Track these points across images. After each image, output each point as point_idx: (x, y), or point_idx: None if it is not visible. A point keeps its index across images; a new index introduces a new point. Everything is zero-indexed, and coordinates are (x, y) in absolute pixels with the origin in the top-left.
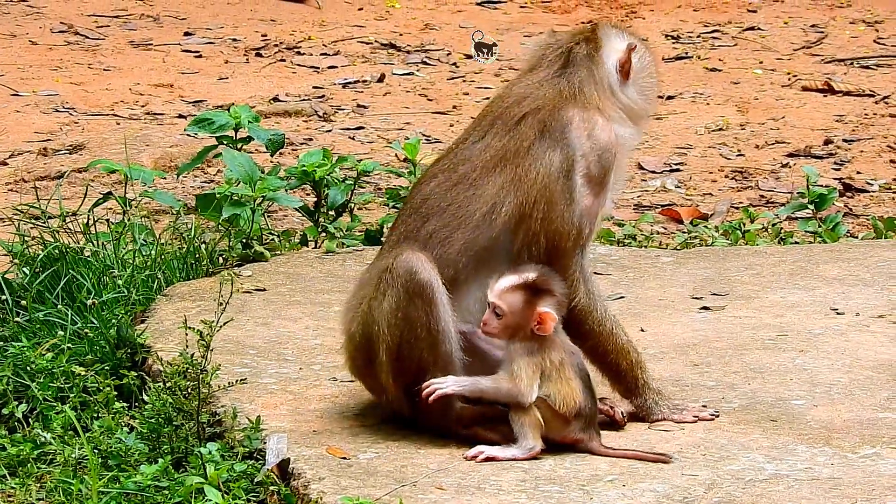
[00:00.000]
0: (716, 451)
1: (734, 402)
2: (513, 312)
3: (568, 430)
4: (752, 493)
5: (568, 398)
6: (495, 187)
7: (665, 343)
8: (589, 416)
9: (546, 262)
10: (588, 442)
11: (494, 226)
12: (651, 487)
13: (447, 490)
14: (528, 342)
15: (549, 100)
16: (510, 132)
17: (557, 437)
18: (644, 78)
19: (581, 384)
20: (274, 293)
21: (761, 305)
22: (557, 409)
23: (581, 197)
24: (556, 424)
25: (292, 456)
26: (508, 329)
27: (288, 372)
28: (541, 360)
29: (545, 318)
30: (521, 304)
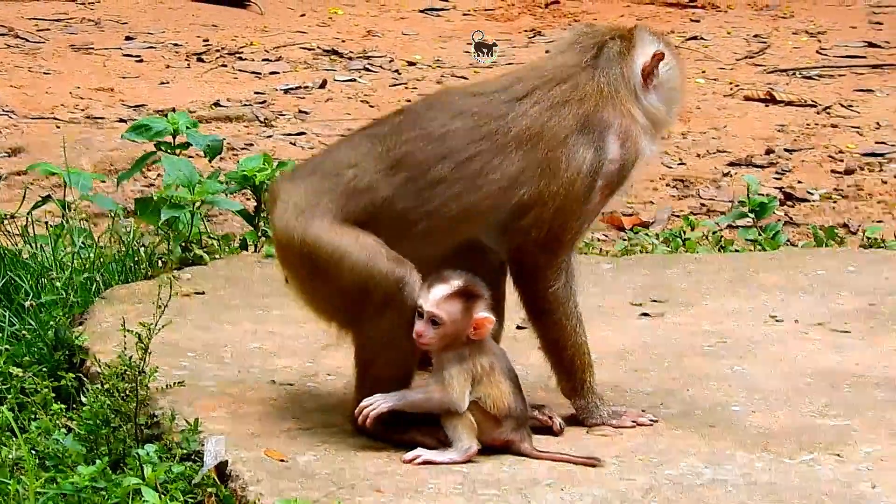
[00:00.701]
0: (654, 455)
1: (673, 407)
2: (453, 321)
3: (499, 431)
4: (691, 498)
5: (498, 400)
6: (521, 166)
7: (604, 349)
8: (520, 417)
9: (539, 246)
10: (520, 443)
11: (506, 202)
12: (589, 492)
13: (385, 493)
14: (459, 349)
15: (591, 94)
16: (551, 112)
17: (489, 440)
18: (669, 88)
19: (510, 386)
20: (213, 296)
21: (701, 312)
22: (488, 411)
23: (594, 197)
24: (487, 426)
25: (230, 458)
26: (446, 338)
27: (227, 375)
28: (471, 366)
29: (483, 323)
30: (460, 312)
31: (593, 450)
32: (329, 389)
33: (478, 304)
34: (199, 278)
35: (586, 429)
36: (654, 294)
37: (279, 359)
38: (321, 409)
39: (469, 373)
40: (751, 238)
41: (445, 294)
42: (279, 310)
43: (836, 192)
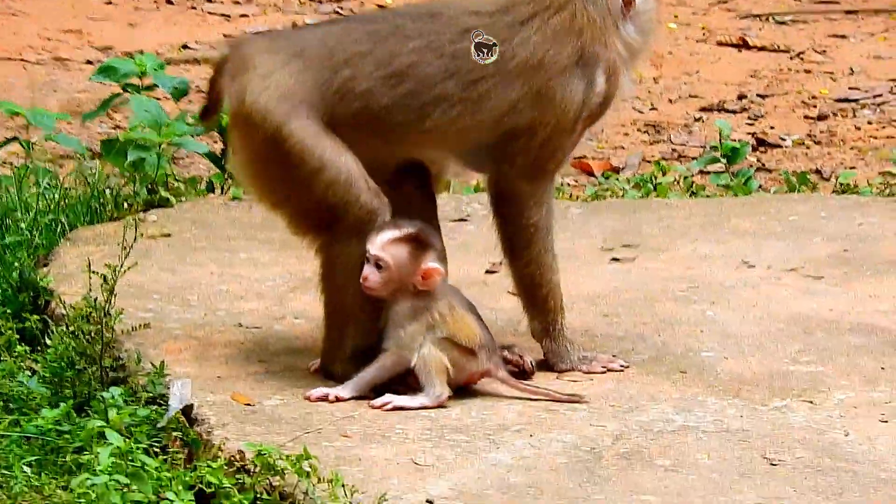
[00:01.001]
0: (624, 402)
1: (644, 353)
2: (397, 266)
3: (476, 363)
4: (661, 444)
5: (469, 333)
6: (520, 93)
7: (575, 294)
8: (489, 346)
9: (523, 174)
10: (496, 372)
11: (499, 127)
12: (559, 438)
13: (352, 437)
14: (411, 301)
15: (587, 25)
16: (552, 41)
17: (465, 377)
18: (646, 18)
19: (473, 318)
20: (179, 239)
21: (672, 258)
22: (464, 345)
23: (578, 128)
24: (464, 361)
25: (196, 401)
26: (391, 284)
27: (193, 318)
28: (428, 318)
29: (431, 273)
30: (406, 258)
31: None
32: (296, 332)
33: (427, 253)
34: (165, 220)
35: (556, 374)
36: (624, 239)
37: (246, 301)
38: (288, 353)
39: (423, 326)
40: (723, 184)
41: (392, 238)
42: (246, 252)
43: (808, 137)
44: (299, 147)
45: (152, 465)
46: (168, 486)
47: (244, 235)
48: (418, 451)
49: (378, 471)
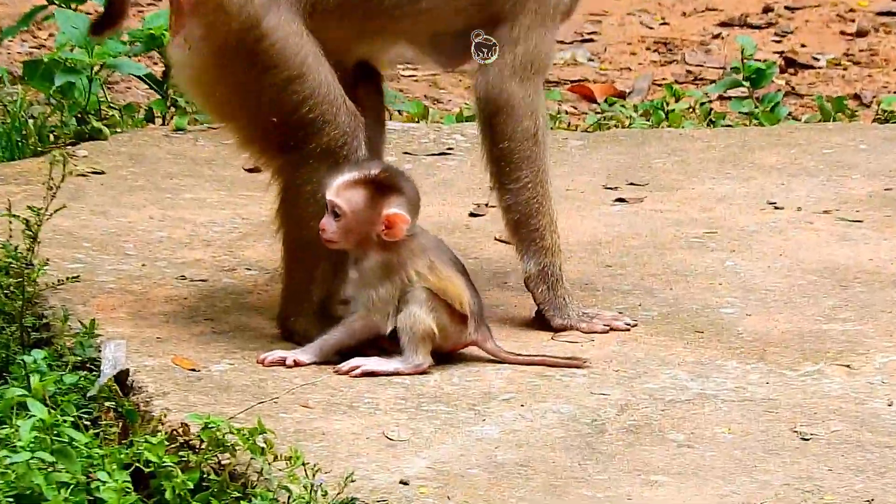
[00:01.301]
0: (631, 366)
1: (653, 309)
2: (354, 212)
3: (465, 333)
4: (673, 416)
5: (458, 295)
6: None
7: (573, 240)
8: (478, 313)
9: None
10: (483, 342)
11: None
12: (554, 408)
13: (314, 408)
14: (381, 256)
15: None
16: None
17: (449, 345)
18: None
19: (461, 278)
20: (114, 177)
21: (686, 197)
22: (457, 309)
23: (556, 17)
24: (453, 329)
25: (132, 367)
26: (350, 234)
27: (128, 269)
28: (403, 277)
29: (394, 220)
30: (364, 204)
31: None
32: (249, 286)
33: (390, 197)
34: (97, 155)
35: (551, 334)
36: (631, 176)
37: (191, 250)
38: (239, 310)
39: (396, 286)
40: (745, 111)
41: (349, 181)
42: (191, 193)
43: (845, 57)
44: (279, 47)
45: (81, 441)
46: (100, 464)
47: (189, 172)
48: (391, 424)
49: (344, 447)
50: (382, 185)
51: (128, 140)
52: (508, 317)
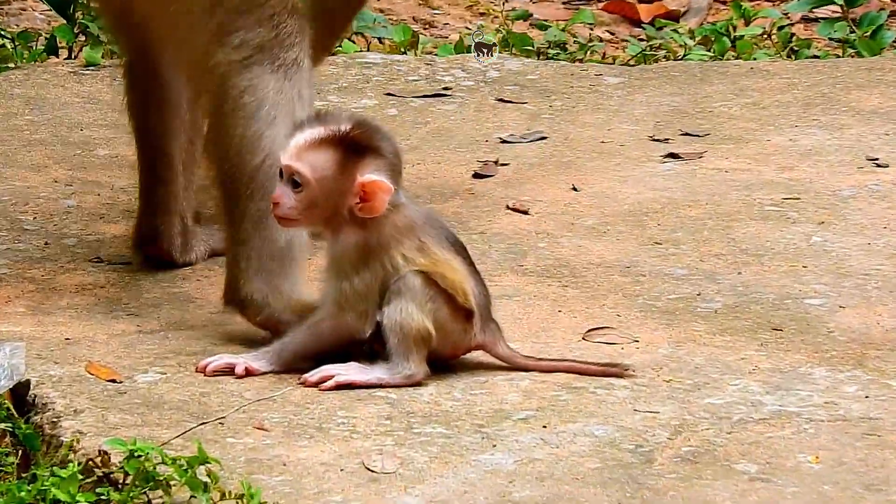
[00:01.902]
0: (687, 375)
1: (716, 300)
2: (320, 181)
3: (467, 332)
4: (743, 441)
5: (460, 285)
6: None
7: (610, 209)
8: (484, 307)
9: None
10: (493, 346)
11: None
12: (586, 430)
13: (272, 431)
14: (356, 238)
15: None
16: None
17: (449, 349)
18: None
19: (463, 263)
20: (6, 128)
21: (760, 152)
22: (460, 303)
23: None
24: (454, 328)
25: (33, 377)
26: (315, 209)
27: (27, 248)
28: (386, 262)
29: (372, 189)
30: (333, 169)
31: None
32: (184, 271)
33: (365, 160)
34: None
35: (581, 332)
36: (686, 124)
37: (108, 223)
38: (172, 302)
39: (376, 276)
40: (838, 37)
41: (311, 140)
42: (107, 148)
43: None
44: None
45: None
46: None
47: (104, 121)
48: (373, 452)
49: (312, 481)
50: (355, 144)
51: (24, 79)
52: (526, 310)
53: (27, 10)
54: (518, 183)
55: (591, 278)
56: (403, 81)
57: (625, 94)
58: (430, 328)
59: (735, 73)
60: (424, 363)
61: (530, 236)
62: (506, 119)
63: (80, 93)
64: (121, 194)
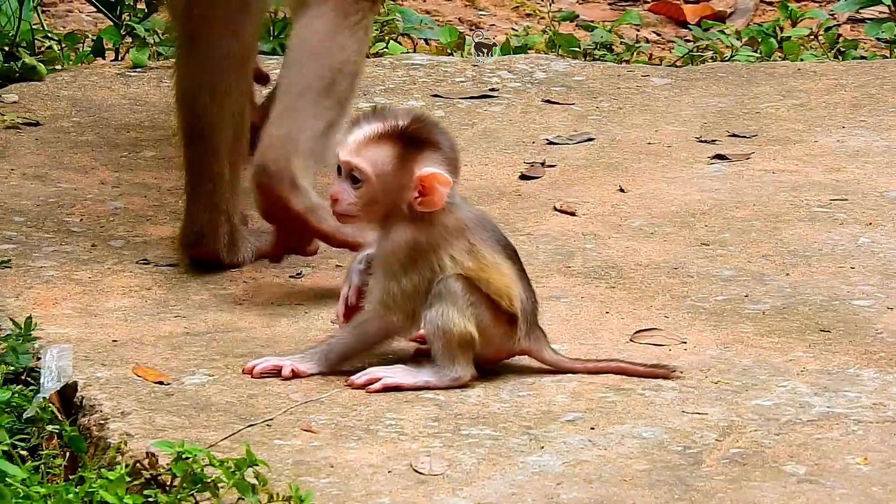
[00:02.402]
0: (735, 376)
1: (764, 301)
2: (380, 176)
3: (511, 338)
4: (791, 442)
5: (506, 289)
6: None
7: (658, 210)
8: (530, 312)
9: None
10: (538, 351)
11: None
12: (634, 432)
13: (320, 433)
14: (406, 232)
15: None
16: None
17: (491, 353)
18: None
19: (511, 266)
20: (53, 129)
21: (807, 153)
22: (503, 307)
23: None
24: (496, 333)
25: (81, 379)
26: (375, 205)
27: (74, 250)
28: (434, 263)
29: (431, 182)
30: (393, 163)
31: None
32: (232, 273)
33: (423, 154)
34: (30, 101)
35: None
36: (733, 125)
37: (155, 225)
38: (220, 304)
39: (424, 276)
40: (885, 37)
41: (370, 136)
42: (154, 150)
43: None
44: None
45: (17, 477)
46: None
47: (150, 123)
48: (421, 454)
49: (360, 483)
50: (413, 138)
51: (71, 81)
52: (573, 312)
53: (73, 11)
54: (565, 184)
55: (638, 279)
56: (450, 83)
57: (672, 95)
58: (473, 332)
59: (782, 73)
60: (471, 365)
61: (577, 237)
62: (552, 120)
63: (126, 94)
64: (168, 196)
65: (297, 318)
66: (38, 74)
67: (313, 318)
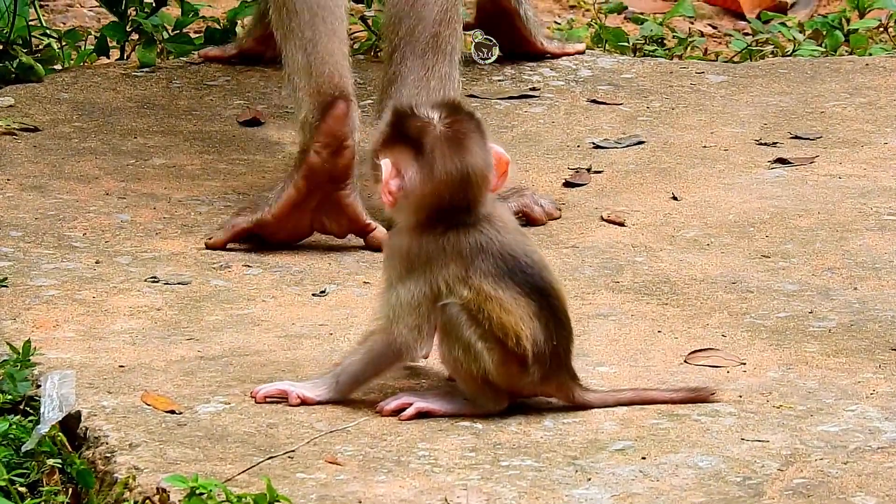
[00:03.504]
0: (799, 400)
1: (830, 318)
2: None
3: (523, 381)
4: (860, 471)
5: (512, 328)
6: None
7: (714, 220)
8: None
9: None
10: (564, 397)
11: None
12: (689, 461)
13: (345, 465)
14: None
15: None
16: None
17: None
18: None
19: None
20: (52, 135)
21: (877, 157)
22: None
23: None
24: (506, 371)
25: (84, 408)
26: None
27: (77, 268)
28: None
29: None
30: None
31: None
32: (249, 290)
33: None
34: (28, 104)
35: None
36: (796, 126)
37: (165, 239)
38: (236, 325)
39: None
40: None
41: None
42: (163, 156)
43: None
44: None
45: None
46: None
47: (159, 127)
48: (457, 487)
49: None
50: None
51: (71, 82)
52: (622, 331)
53: (75, 6)
54: (613, 192)
55: (693, 295)
56: (487, 81)
57: (728, 93)
58: (485, 367)
59: (849, 69)
60: (500, 393)
61: (627, 250)
62: (599, 122)
63: (132, 97)
64: (178, 208)
65: (320, 341)
66: (36, 75)
67: (338, 339)
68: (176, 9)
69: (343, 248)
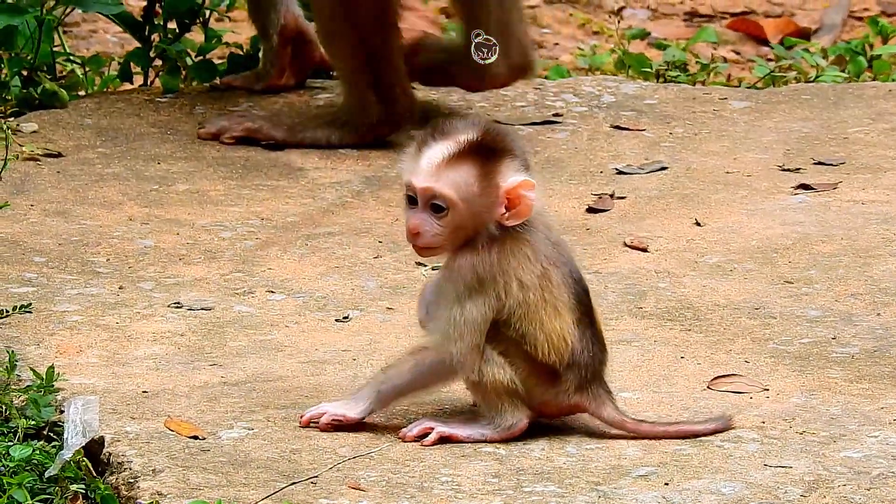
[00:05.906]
0: (822, 426)
1: (853, 344)
2: (467, 200)
3: (558, 392)
4: (884, 498)
5: (555, 339)
6: None
7: (736, 245)
8: (588, 364)
9: None
10: (597, 408)
11: None
12: (711, 487)
13: (368, 491)
14: (474, 257)
15: None
16: None
17: (539, 406)
18: None
19: (575, 309)
20: (76, 161)
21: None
22: (539, 359)
23: None
24: (537, 384)
25: (108, 434)
26: (461, 231)
27: (101, 293)
28: (498, 291)
29: (519, 192)
30: (478, 182)
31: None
32: (272, 315)
33: (504, 163)
34: (51, 130)
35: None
36: (819, 152)
37: (188, 265)
38: (259, 351)
39: (490, 305)
40: None
41: (449, 156)
42: (187, 182)
43: None
44: None
45: None
46: None
47: (184, 154)
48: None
49: None
50: (491, 150)
51: (95, 108)
52: (645, 357)
53: (98, 32)
54: (636, 217)
55: (716, 321)
56: (510, 107)
57: (752, 119)
58: (511, 379)
59: (872, 95)
60: (522, 408)
61: (650, 275)
62: (622, 148)
63: (156, 122)
64: (202, 233)
65: (343, 366)
66: (60, 101)
67: (362, 365)
68: (199, 35)
69: (366, 275)
